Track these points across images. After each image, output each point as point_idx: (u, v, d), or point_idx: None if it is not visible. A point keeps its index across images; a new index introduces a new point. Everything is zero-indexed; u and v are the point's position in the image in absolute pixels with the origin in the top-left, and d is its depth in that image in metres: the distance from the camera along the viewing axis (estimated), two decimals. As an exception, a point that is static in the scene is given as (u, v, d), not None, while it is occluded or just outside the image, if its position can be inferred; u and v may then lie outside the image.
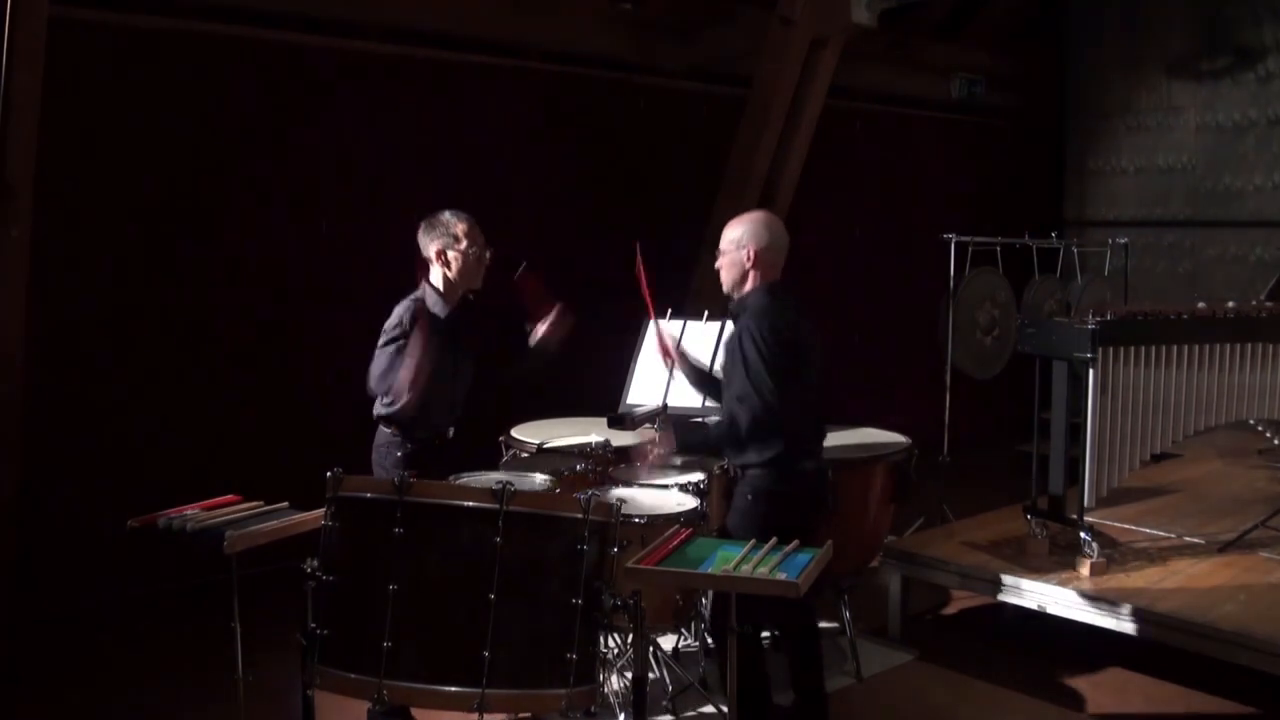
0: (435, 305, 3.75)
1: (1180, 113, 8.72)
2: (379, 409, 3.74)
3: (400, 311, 3.72)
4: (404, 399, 3.59)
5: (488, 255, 3.83)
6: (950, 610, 5.33)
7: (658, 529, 3.27)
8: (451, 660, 2.71)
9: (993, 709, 4.24)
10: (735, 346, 3.57)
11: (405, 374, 3.57)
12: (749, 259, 3.66)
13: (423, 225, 3.81)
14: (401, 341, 3.64)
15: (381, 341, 3.70)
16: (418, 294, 3.78)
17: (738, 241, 3.68)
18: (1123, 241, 7.00)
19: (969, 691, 4.38)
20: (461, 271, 3.77)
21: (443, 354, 3.71)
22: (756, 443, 3.54)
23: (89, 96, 5.15)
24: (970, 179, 9.30)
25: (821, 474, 3.76)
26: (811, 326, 3.73)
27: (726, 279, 3.74)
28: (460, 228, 3.77)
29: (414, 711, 3.51)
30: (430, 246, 3.78)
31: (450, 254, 3.75)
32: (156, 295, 5.46)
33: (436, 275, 3.80)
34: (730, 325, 3.79)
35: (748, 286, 3.69)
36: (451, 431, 3.86)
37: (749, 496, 3.61)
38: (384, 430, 3.77)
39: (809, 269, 3.99)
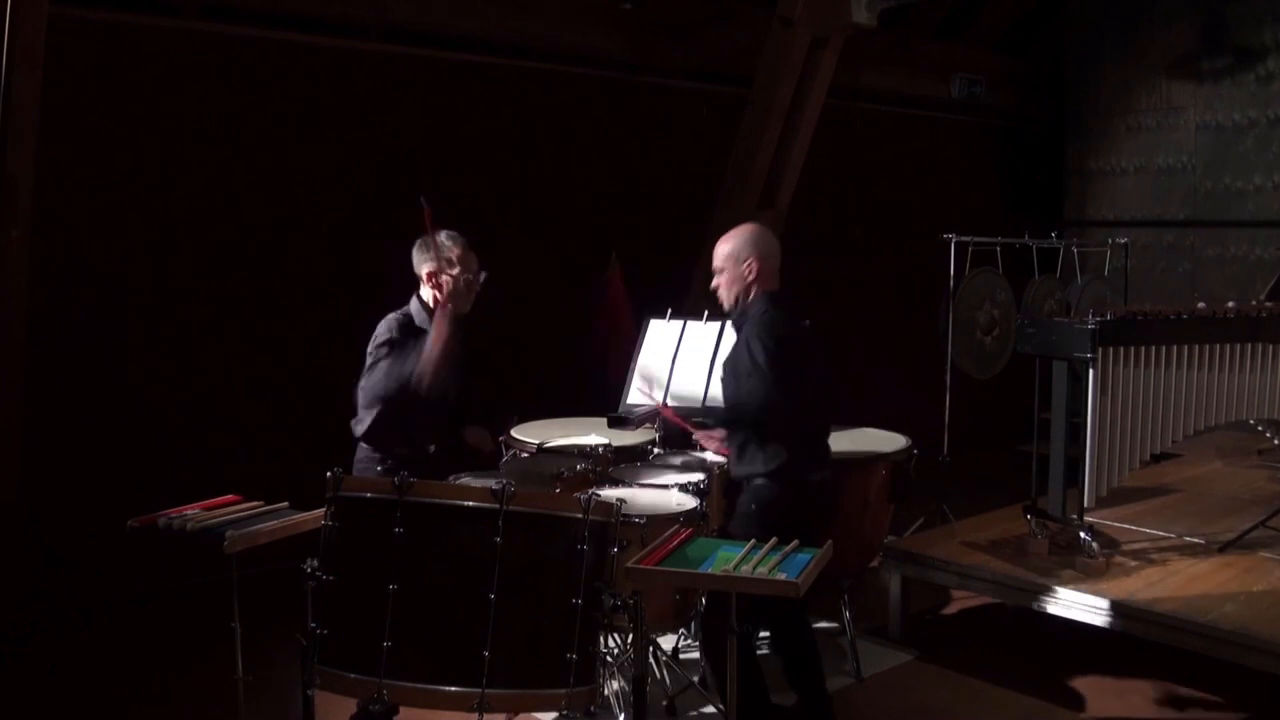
0: (422, 322, 3.70)
1: (1180, 113, 8.71)
2: (359, 427, 3.68)
3: (386, 328, 3.67)
4: (426, 380, 3.49)
5: (480, 280, 3.75)
6: (950, 610, 5.33)
7: (658, 529, 3.26)
8: (451, 660, 2.71)
9: (993, 709, 4.24)
10: (744, 355, 3.53)
11: (425, 357, 3.50)
12: (751, 271, 3.61)
13: (417, 244, 3.73)
14: (386, 350, 3.59)
15: (369, 361, 3.64)
16: (405, 309, 3.74)
17: (737, 256, 3.63)
18: (1123, 241, 7.01)
19: (969, 691, 4.38)
20: (451, 296, 3.66)
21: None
22: (764, 438, 3.50)
23: (89, 96, 5.16)
24: (970, 179, 9.30)
25: (826, 486, 3.73)
26: (814, 335, 3.70)
27: (728, 295, 3.68)
28: (455, 252, 3.68)
29: (410, 711, 3.50)
30: (423, 267, 3.70)
31: (443, 278, 3.66)
32: (156, 295, 5.46)
33: (427, 294, 3.74)
34: (729, 329, 3.75)
35: (750, 298, 3.64)
36: (433, 449, 3.78)
37: (752, 506, 3.59)
38: (363, 447, 3.72)
39: (809, 269, 3.97)
